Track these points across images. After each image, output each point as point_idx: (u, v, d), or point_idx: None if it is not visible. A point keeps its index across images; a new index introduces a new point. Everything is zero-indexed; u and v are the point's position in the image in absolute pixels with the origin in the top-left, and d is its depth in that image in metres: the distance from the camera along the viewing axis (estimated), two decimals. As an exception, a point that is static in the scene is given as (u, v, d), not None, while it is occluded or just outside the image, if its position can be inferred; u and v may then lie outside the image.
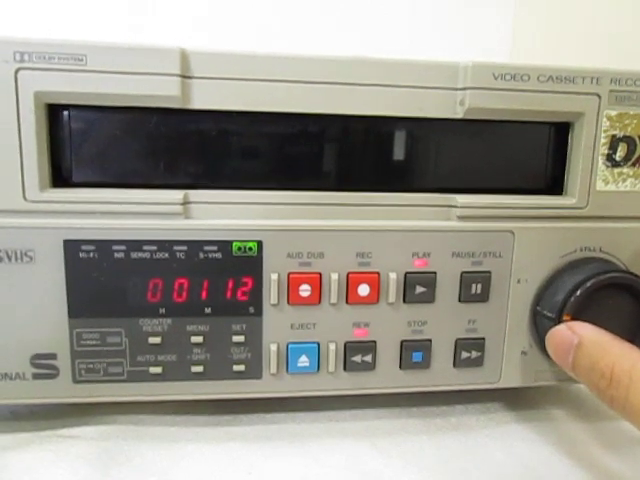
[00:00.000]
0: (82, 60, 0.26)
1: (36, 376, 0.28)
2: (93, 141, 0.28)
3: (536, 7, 0.57)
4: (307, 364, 0.30)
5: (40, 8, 0.49)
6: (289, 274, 0.29)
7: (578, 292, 0.29)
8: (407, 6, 0.55)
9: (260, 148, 0.29)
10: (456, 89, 0.29)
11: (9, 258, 0.27)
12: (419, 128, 0.30)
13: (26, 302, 0.27)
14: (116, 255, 0.28)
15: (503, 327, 0.31)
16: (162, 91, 0.27)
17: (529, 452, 0.30)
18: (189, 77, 0.27)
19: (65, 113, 0.27)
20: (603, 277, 0.29)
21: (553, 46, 0.56)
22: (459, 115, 0.29)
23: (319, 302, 0.29)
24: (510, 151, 0.31)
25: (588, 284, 0.29)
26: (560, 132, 0.31)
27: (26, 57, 0.25)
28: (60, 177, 0.28)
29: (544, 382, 0.33)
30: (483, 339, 0.31)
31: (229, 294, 0.29)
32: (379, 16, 0.54)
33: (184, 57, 0.27)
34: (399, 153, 0.30)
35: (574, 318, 0.29)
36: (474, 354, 0.31)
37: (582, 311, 0.29)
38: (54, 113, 0.27)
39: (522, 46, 0.57)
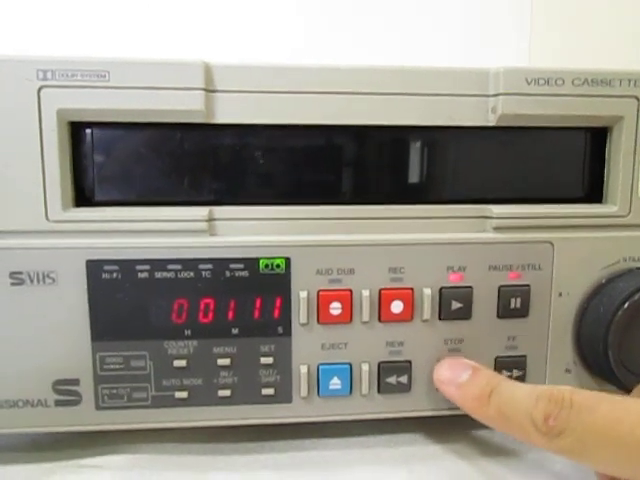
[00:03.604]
0: (105, 76, 0.25)
1: (58, 403, 0.27)
2: (116, 159, 0.27)
3: (552, 13, 0.56)
4: (339, 386, 0.28)
5: (57, 25, 0.50)
6: (319, 292, 0.28)
7: (626, 305, 0.27)
8: (427, 13, 0.55)
9: (286, 162, 0.29)
10: (487, 96, 0.28)
11: (31, 280, 0.26)
12: (450, 137, 0.29)
13: (48, 325, 0.27)
14: (140, 275, 0.27)
15: (545, 343, 0.30)
16: (186, 106, 0.26)
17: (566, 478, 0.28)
18: (213, 91, 0.26)
19: (88, 131, 0.27)
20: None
21: (570, 50, 0.55)
22: (491, 122, 0.28)
23: (350, 321, 0.28)
24: (545, 158, 0.30)
25: (636, 297, 0.27)
26: (598, 137, 0.30)
27: (49, 75, 0.25)
28: (83, 196, 0.27)
29: (590, 402, 0.31)
30: (524, 357, 0.29)
31: (257, 314, 0.28)
32: (396, 26, 0.54)
33: (208, 70, 0.26)
34: (431, 164, 0.29)
35: (622, 332, 0.27)
36: (515, 373, 0.29)
37: (629, 325, 0.27)
38: (77, 131, 0.27)
39: (539, 54, 0.56)
